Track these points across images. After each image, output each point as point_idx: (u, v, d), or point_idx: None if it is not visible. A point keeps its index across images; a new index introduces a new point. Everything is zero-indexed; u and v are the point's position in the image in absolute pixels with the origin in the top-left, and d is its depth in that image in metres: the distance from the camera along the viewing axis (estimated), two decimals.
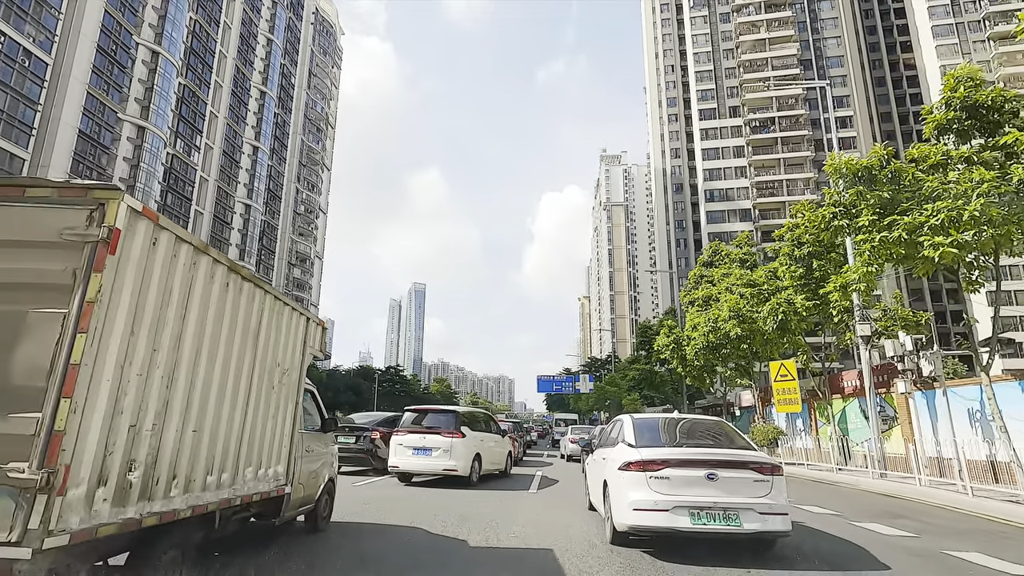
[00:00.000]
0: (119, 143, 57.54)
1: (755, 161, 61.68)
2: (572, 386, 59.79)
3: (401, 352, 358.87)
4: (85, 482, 3.08)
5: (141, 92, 60.32)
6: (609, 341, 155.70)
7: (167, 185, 64.45)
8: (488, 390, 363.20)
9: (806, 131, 60.37)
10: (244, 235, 78.18)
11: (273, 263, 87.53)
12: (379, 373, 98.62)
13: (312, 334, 6.55)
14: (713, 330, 19.61)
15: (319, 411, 7.54)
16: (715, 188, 62.22)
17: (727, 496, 5.64)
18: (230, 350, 4.52)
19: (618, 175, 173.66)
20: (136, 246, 3.44)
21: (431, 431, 12.22)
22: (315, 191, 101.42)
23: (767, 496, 5.71)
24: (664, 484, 5.75)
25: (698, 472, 5.73)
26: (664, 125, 73.50)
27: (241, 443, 4.76)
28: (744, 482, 5.74)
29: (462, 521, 7.80)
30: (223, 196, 74.63)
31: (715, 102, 64.45)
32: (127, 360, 3.37)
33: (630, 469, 5.98)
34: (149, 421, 3.58)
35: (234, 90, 77.49)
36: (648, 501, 5.71)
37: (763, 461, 5.94)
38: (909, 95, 65.82)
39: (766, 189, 60.61)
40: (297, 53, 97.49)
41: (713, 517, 5.56)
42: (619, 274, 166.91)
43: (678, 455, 5.95)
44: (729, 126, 63.35)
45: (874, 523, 8.56)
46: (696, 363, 22.84)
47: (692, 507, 5.60)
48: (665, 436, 6.82)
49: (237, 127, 77.90)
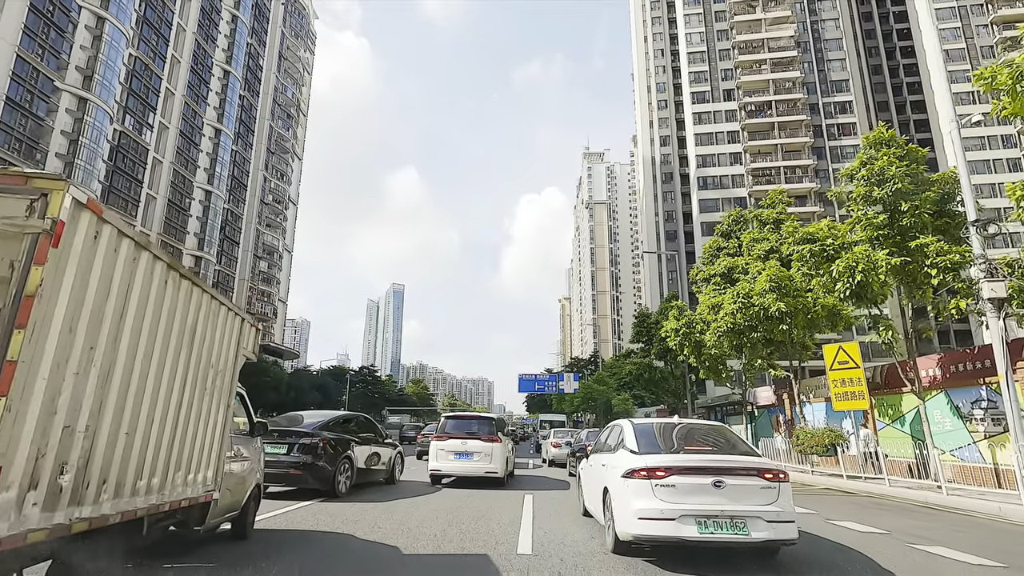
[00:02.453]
0: (56, 115, 51.74)
1: (751, 147, 58.44)
2: (555, 386, 55.67)
3: (379, 354, 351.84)
4: (16, 485, 2.98)
5: (84, 60, 54.56)
6: (591, 341, 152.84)
7: (114, 165, 58.66)
8: (467, 392, 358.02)
9: (804, 116, 57.30)
10: (204, 223, 72.42)
11: (237, 255, 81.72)
12: (351, 373, 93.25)
13: (247, 335, 6.45)
14: (743, 308, 15.65)
15: (248, 414, 7.25)
16: (708, 175, 58.78)
17: (734, 504, 5.54)
18: (166, 350, 4.46)
19: (601, 173, 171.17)
20: (79, 240, 3.36)
21: (472, 436, 12.50)
22: (285, 180, 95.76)
23: (774, 503, 5.60)
24: (670, 492, 5.64)
25: (704, 479, 5.63)
26: (653, 112, 69.96)
27: (172, 446, 4.68)
28: (751, 489, 5.63)
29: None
30: (180, 180, 68.86)
31: (708, 85, 61.11)
32: (64, 358, 3.28)
33: (634, 477, 5.87)
34: (83, 422, 3.48)
35: (194, 67, 71.78)
36: (654, 510, 5.60)
37: (770, 467, 5.79)
38: (907, 84, 63.37)
39: (763, 176, 57.37)
40: (266, 33, 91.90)
41: (720, 526, 5.45)
42: (601, 273, 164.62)
43: (684, 462, 5.87)
44: (723, 110, 60.04)
45: None
46: (714, 352, 18.89)
47: (699, 515, 5.49)
48: (667, 442, 6.65)
49: (197, 107, 72.17)
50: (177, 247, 67.86)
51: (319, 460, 9.66)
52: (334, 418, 11.19)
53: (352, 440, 10.88)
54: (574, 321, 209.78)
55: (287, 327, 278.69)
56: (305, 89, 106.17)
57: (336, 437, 10.45)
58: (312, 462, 9.62)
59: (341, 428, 11.01)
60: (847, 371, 13.56)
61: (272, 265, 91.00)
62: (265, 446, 8.76)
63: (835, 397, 13.76)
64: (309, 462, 9.61)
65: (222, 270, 77.72)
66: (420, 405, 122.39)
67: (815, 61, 59.46)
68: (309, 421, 10.80)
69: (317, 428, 10.32)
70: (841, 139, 55.34)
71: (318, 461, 9.65)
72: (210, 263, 73.11)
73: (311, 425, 10.44)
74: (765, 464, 5.85)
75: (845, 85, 57.95)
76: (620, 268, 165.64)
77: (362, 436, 11.46)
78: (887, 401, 14.39)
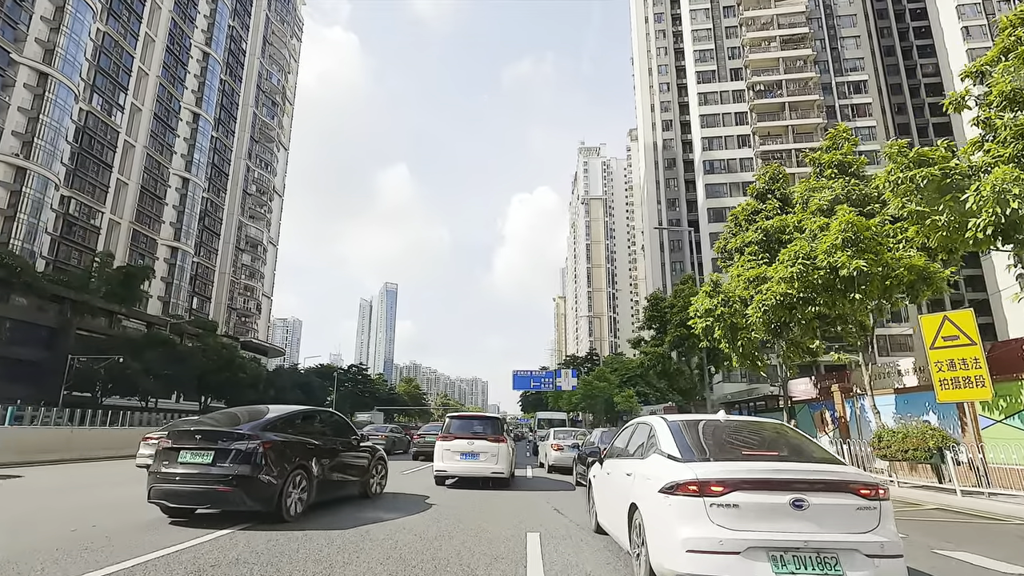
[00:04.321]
0: (13, 90, 47.78)
1: (760, 129, 55.13)
2: (552, 383, 52.15)
3: (372, 354, 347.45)
4: None
5: (44, 32, 50.61)
6: (587, 340, 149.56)
7: (80, 146, 54.70)
8: (461, 392, 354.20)
9: (817, 96, 54.07)
10: (181, 212, 68.48)
11: (217, 247, 77.73)
12: (339, 372, 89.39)
13: None
14: (803, 273, 12.22)
15: None
16: (715, 159, 55.41)
17: (821, 532, 3.99)
18: None
19: (597, 168, 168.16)
20: None
21: (478, 436, 12.22)
22: (269, 170, 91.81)
23: (875, 531, 4.07)
24: (732, 515, 4.08)
25: (779, 497, 4.07)
26: (655, 95, 66.55)
27: None
28: (843, 511, 4.12)
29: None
30: (154, 166, 64.89)
31: (714, 63, 57.77)
32: None
33: (678, 492, 4.26)
34: None
35: (170, 47, 67.81)
36: (709, 540, 4.00)
37: (866, 480, 4.27)
38: (921, 66, 60.29)
39: (773, 160, 53.99)
40: (249, 16, 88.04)
41: (804, 563, 3.89)
42: (597, 270, 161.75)
43: (749, 473, 4.23)
44: (731, 90, 56.72)
45: None
46: (754, 335, 15.47)
47: (774, 548, 3.92)
48: (718, 445, 4.82)
49: (173, 89, 68.21)
50: (151, 237, 63.91)
51: (258, 472, 6.82)
52: (285, 415, 8.08)
53: (311, 444, 8.05)
54: (569, 320, 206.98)
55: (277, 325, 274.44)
56: (291, 77, 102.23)
57: (285, 440, 7.49)
58: (248, 475, 6.76)
59: (296, 428, 8.02)
60: (958, 349, 10.13)
61: (256, 258, 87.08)
62: (183, 453, 6.81)
63: (939, 385, 10.32)
64: (243, 475, 6.74)
65: (201, 262, 73.77)
66: (412, 405, 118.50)
67: (827, 39, 56.27)
68: (248, 419, 7.66)
69: (258, 428, 7.24)
70: (856, 120, 52.17)
71: (257, 474, 6.81)
72: (188, 255, 69.17)
73: (251, 425, 7.34)
74: (859, 477, 4.36)
75: (860, 64, 54.78)
76: (616, 265, 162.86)
77: (327, 439, 8.62)
78: (997, 390, 10.97)
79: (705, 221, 54.75)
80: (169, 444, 7.01)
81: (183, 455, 6.83)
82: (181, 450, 6.86)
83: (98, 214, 56.68)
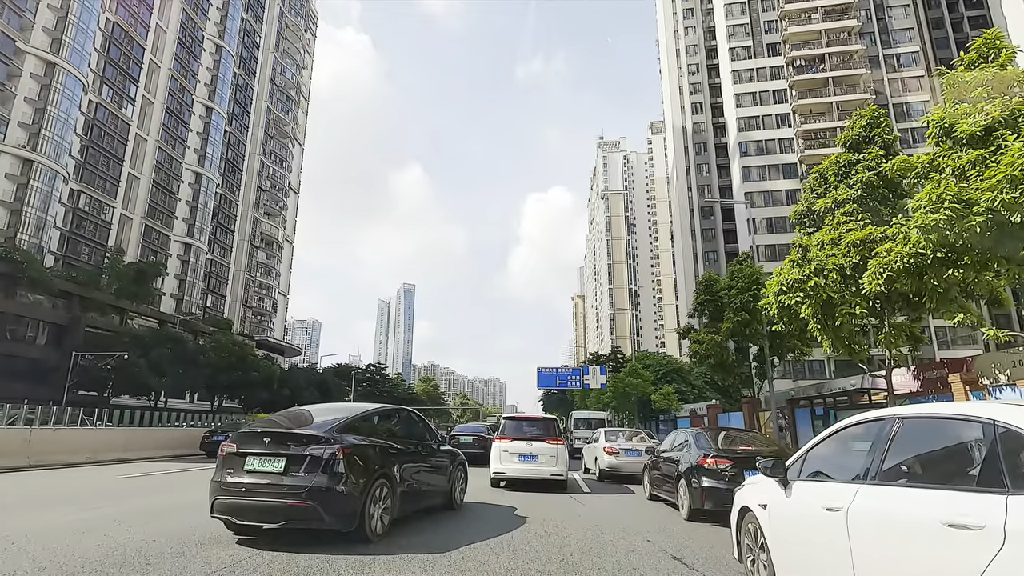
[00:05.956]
0: (19, 79, 46.28)
1: (800, 107, 51.36)
2: (579, 380, 49.07)
3: (391, 354, 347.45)
4: None
5: (52, 21, 49.11)
6: (608, 338, 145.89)
7: (89, 139, 53.19)
8: (479, 392, 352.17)
9: (863, 69, 50.17)
10: (194, 208, 66.89)
11: (231, 244, 76.12)
12: (357, 372, 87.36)
13: None
14: (951, 223, 9.17)
15: None
16: (751, 139, 51.80)
17: None
18: None
19: (617, 162, 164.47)
20: None
21: (537, 438, 12.04)
22: (284, 166, 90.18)
23: None
24: None
25: None
26: (683, 77, 63.01)
27: None
28: None
29: None
30: (167, 160, 63.34)
31: (749, 39, 54.18)
32: None
33: None
34: None
35: (181, 39, 66.28)
36: None
37: None
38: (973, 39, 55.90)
39: (815, 139, 50.35)
40: (263, 10, 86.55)
41: None
42: (618, 267, 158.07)
43: None
44: (768, 67, 53.08)
45: None
46: (859, 311, 12.40)
47: None
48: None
49: (185, 82, 66.67)
50: (164, 233, 62.35)
51: (338, 483, 5.76)
52: (363, 414, 6.92)
53: (392, 448, 7.02)
54: (588, 319, 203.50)
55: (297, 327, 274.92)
56: (306, 72, 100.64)
57: (367, 444, 6.42)
58: (326, 486, 5.68)
59: (374, 430, 6.95)
60: None
61: (271, 256, 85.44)
62: (250, 460, 5.79)
63: None
64: (321, 486, 5.66)
65: (215, 260, 72.17)
66: (431, 405, 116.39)
67: (873, 8, 52.27)
68: (321, 420, 6.53)
69: (334, 430, 6.11)
70: (906, 95, 48.26)
71: (337, 485, 5.74)
72: (201, 251, 67.55)
73: (325, 425, 6.22)
74: None
75: (910, 35, 50.75)
76: (638, 261, 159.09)
77: (408, 442, 7.61)
78: None
79: (741, 208, 51.25)
80: (233, 449, 5.93)
81: (250, 462, 5.78)
82: (247, 456, 5.81)
83: (109, 209, 55.14)
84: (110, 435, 18.45)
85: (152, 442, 19.32)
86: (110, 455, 15.99)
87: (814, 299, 13.46)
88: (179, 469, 14.62)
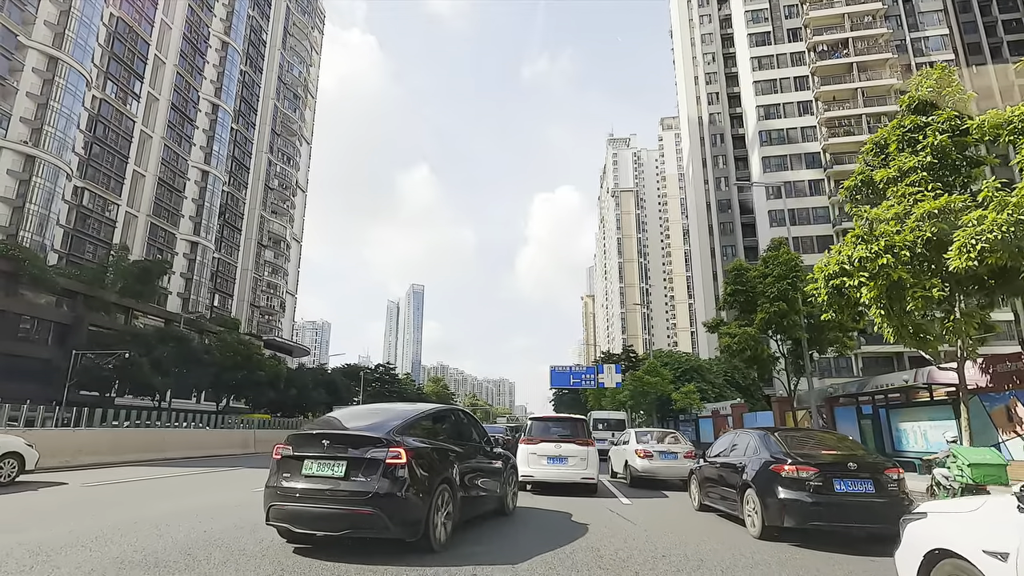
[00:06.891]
0: (20, 74, 45.43)
1: (824, 94, 49.40)
2: (593, 379, 47.49)
3: (400, 355, 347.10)
4: None
5: (54, 15, 48.29)
6: (619, 338, 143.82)
7: (93, 136, 52.36)
8: (488, 393, 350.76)
9: (889, 54, 48.15)
10: (200, 206, 66.01)
11: (239, 242, 75.22)
12: (366, 372, 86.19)
13: None
14: None
15: None
16: (772, 128, 49.89)
17: None
18: None
19: (627, 159, 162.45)
20: None
21: (566, 439, 11.50)
22: (292, 165, 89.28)
23: None
24: None
25: None
26: (699, 67, 61.18)
27: None
28: None
29: None
30: (173, 158, 62.48)
31: (769, 24, 52.29)
32: None
33: None
34: None
35: (187, 34, 65.44)
36: None
37: None
38: (1002, 22, 53.67)
39: (839, 127, 48.39)
40: (269, 6, 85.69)
41: None
42: (629, 265, 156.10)
43: None
44: (788, 53, 51.18)
45: None
46: (936, 294, 10.79)
47: None
48: None
49: (191, 79, 65.82)
50: (170, 231, 61.46)
51: (403, 488, 5.21)
52: (422, 414, 6.42)
53: (452, 451, 6.51)
54: (598, 318, 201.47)
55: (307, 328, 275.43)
56: (313, 70, 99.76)
57: (430, 447, 5.94)
58: (391, 492, 5.16)
59: (434, 431, 6.44)
60: None
61: (279, 255, 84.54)
62: (308, 463, 5.41)
63: None
64: (385, 492, 5.13)
65: (222, 258, 71.26)
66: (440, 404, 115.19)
67: None
68: (378, 420, 5.98)
69: (396, 432, 5.61)
70: None
71: (401, 490, 5.20)
72: (208, 250, 66.64)
73: (385, 426, 5.69)
74: None
75: (938, 18, 48.66)
76: (649, 259, 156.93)
77: (466, 444, 7.15)
78: None
79: (761, 200, 49.35)
80: (290, 452, 5.58)
81: (307, 466, 5.45)
82: (305, 459, 5.47)
83: (113, 206, 54.29)
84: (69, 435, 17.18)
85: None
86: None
87: (880, 280, 11.79)
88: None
